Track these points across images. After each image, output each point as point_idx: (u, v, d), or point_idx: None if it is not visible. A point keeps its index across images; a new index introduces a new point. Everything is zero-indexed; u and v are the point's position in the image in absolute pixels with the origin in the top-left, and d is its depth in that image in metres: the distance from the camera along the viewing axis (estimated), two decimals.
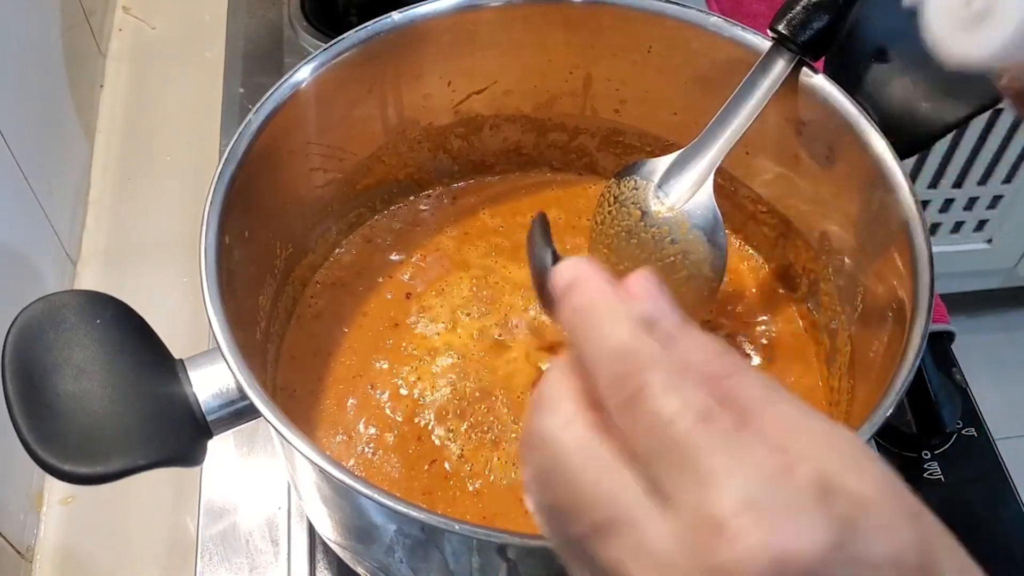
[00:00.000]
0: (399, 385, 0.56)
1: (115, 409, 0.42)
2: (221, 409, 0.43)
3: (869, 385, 0.49)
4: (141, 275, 0.76)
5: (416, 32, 0.56)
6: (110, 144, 0.85)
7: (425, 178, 0.64)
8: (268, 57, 0.84)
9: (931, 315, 0.45)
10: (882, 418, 0.42)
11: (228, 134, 0.63)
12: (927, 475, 0.65)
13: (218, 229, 0.47)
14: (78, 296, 0.44)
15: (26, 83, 0.73)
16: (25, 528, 0.63)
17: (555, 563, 0.44)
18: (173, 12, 0.95)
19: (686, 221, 0.53)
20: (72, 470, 0.40)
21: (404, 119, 0.60)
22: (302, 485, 0.51)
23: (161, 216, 0.80)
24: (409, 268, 0.62)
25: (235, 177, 0.49)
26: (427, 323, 0.59)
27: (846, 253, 0.55)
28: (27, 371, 0.42)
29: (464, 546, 0.43)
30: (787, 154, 0.56)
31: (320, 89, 0.53)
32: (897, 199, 0.49)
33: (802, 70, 0.52)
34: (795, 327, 0.60)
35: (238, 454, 0.63)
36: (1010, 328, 1.57)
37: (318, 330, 0.59)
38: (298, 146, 0.55)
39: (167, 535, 0.64)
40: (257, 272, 0.54)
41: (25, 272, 0.68)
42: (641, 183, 0.55)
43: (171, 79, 0.89)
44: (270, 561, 0.59)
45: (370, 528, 0.46)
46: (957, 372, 0.70)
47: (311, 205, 0.58)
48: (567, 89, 0.62)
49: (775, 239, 0.61)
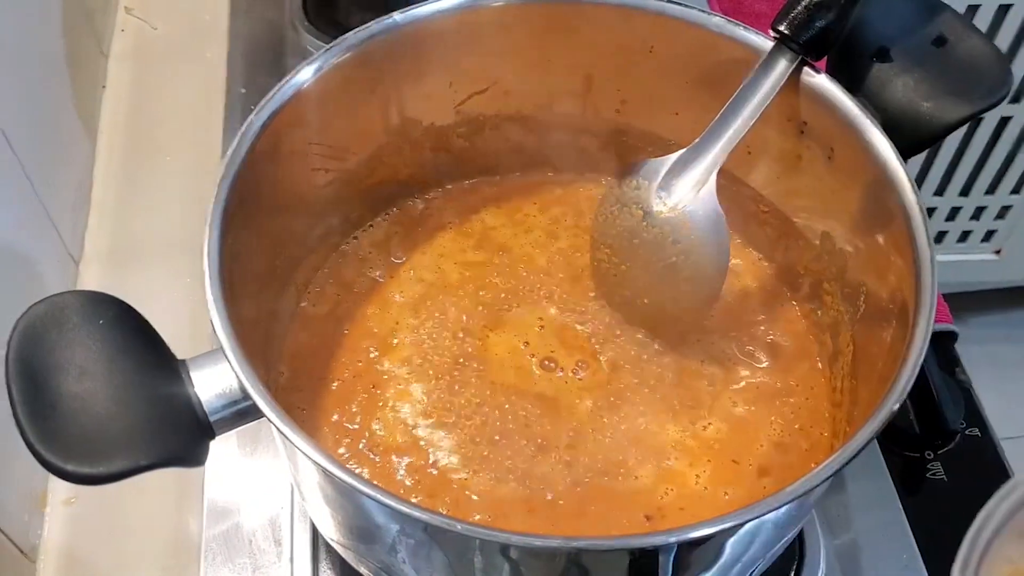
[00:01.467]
0: (401, 385, 0.56)
1: (118, 409, 0.42)
2: (223, 409, 0.43)
3: (872, 386, 0.49)
4: (143, 275, 0.76)
5: (418, 32, 0.56)
6: (112, 144, 0.85)
7: (427, 178, 0.64)
8: (270, 57, 0.84)
9: (934, 315, 0.45)
10: (885, 419, 0.42)
11: (230, 134, 0.63)
12: (930, 475, 0.65)
13: (220, 229, 0.47)
14: (80, 297, 0.44)
15: (28, 83, 0.73)
16: (29, 528, 0.63)
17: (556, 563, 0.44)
18: (175, 12, 0.95)
19: (688, 221, 0.53)
20: (75, 470, 0.40)
21: (405, 119, 0.60)
22: (305, 485, 0.51)
23: (163, 216, 0.80)
24: (411, 268, 0.62)
25: (237, 177, 0.49)
26: (429, 323, 0.59)
27: (848, 253, 0.55)
28: (30, 371, 0.42)
29: (467, 546, 0.43)
30: (789, 154, 0.56)
31: (322, 89, 0.53)
32: (899, 199, 0.49)
33: (804, 70, 0.52)
34: (797, 328, 0.60)
35: (241, 454, 0.63)
36: (1014, 328, 1.57)
37: (320, 330, 0.59)
38: (300, 146, 0.55)
39: (170, 535, 0.64)
40: (259, 272, 0.54)
41: (27, 272, 0.69)
42: (643, 183, 0.55)
43: (173, 79, 0.90)
44: (273, 561, 0.59)
45: (373, 528, 0.46)
46: (960, 372, 0.70)
47: (313, 205, 0.58)
48: (568, 89, 0.62)
49: (777, 239, 0.61)
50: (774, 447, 0.54)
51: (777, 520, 0.47)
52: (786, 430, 0.55)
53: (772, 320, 0.60)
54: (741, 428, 0.55)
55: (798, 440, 0.55)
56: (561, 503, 0.52)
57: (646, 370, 0.57)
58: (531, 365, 0.57)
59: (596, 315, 0.59)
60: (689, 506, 0.52)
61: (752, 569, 0.50)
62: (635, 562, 0.42)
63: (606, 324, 0.59)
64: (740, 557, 0.47)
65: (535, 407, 0.55)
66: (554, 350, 0.58)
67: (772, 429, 0.55)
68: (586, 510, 0.52)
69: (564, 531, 0.51)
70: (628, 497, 0.52)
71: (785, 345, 0.59)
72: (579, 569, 0.43)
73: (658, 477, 0.53)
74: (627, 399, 0.56)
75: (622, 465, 0.53)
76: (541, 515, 0.51)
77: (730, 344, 0.58)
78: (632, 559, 0.42)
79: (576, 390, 0.56)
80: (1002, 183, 1.30)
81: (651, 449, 0.54)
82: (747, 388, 0.57)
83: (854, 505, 0.61)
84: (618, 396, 0.56)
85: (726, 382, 0.57)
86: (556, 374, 0.57)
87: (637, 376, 0.57)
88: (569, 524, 0.51)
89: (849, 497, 0.61)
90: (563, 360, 0.57)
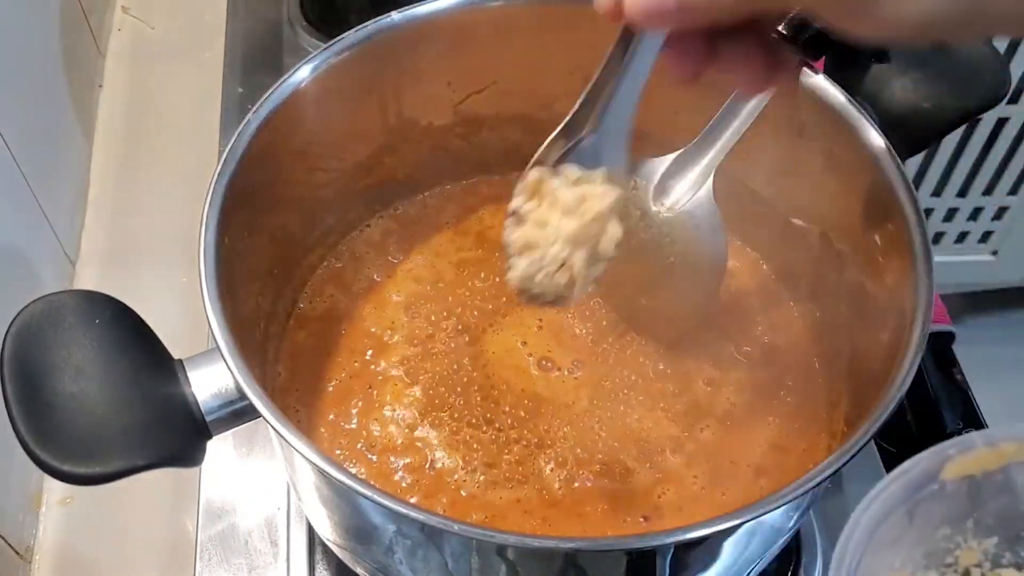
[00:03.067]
0: (398, 385, 0.56)
1: (114, 409, 0.42)
2: (220, 409, 0.43)
3: (869, 386, 0.48)
4: (140, 275, 0.76)
5: (416, 32, 0.56)
6: (109, 144, 0.85)
7: (425, 178, 0.64)
8: (268, 57, 0.84)
9: (931, 315, 0.45)
10: (882, 419, 0.42)
11: (227, 134, 0.63)
12: None
13: (217, 229, 0.47)
14: (77, 296, 0.44)
15: (25, 83, 0.73)
16: (24, 528, 0.63)
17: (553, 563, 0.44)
18: (172, 12, 0.95)
19: (686, 221, 0.53)
20: (71, 470, 0.40)
21: (404, 119, 0.60)
22: (301, 486, 0.51)
23: (160, 216, 0.80)
24: (408, 268, 0.61)
25: (234, 177, 0.49)
26: (427, 323, 0.59)
27: (846, 254, 0.55)
28: (26, 371, 0.42)
29: (463, 546, 0.43)
30: (787, 154, 0.56)
31: (319, 89, 0.53)
32: (897, 200, 0.49)
33: (802, 70, 0.52)
34: (795, 328, 0.60)
35: (237, 455, 0.63)
36: (1011, 328, 1.57)
37: (317, 330, 0.59)
38: (297, 146, 0.55)
39: (166, 536, 0.64)
40: (256, 272, 0.54)
41: (24, 272, 0.68)
42: (641, 183, 0.55)
43: (170, 79, 0.89)
44: (269, 562, 0.59)
45: (369, 529, 0.46)
46: (957, 373, 0.70)
47: (310, 205, 0.58)
48: (567, 89, 0.61)
49: (775, 240, 0.61)
50: (771, 447, 0.54)
51: (774, 521, 0.47)
52: (784, 430, 0.55)
53: (770, 320, 0.60)
54: (739, 428, 0.55)
55: (795, 441, 0.55)
56: (558, 503, 0.52)
57: (644, 370, 0.57)
58: (529, 365, 0.57)
59: (594, 315, 0.59)
60: (687, 506, 0.52)
61: (750, 569, 0.50)
62: (632, 563, 0.42)
63: (604, 324, 0.59)
64: (737, 558, 0.47)
65: (533, 406, 0.55)
66: (551, 350, 0.58)
67: (770, 429, 0.55)
68: (583, 510, 0.51)
69: (561, 531, 0.51)
70: (625, 497, 0.52)
71: (783, 345, 0.59)
72: (576, 570, 0.43)
73: (656, 477, 0.53)
74: (625, 399, 0.56)
75: (620, 465, 0.53)
76: (538, 515, 0.51)
77: (728, 344, 0.58)
78: (629, 560, 0.42)
79: (573, 390, 0.56)
80: (999, 184, 1.29)
81: (649, 449, 0.54)
82: (745, 389, 0.57)
83: (852, 506, 0.60)
84: (616, 396, 0.56)
85: (724, 382, 0.57)
86: (553, 374, 0.57)
87: (635, 376, 0.56)
88: (566, 524, 0.51)
89: (846, 498, 0.61)
90: (561, 360, 0.57)
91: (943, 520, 0.39)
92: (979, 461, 0.38)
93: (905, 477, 0.38)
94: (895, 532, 0.38)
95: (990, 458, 0.38)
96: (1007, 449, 0.38)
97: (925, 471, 0.38)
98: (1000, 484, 0.39)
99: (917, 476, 0.38)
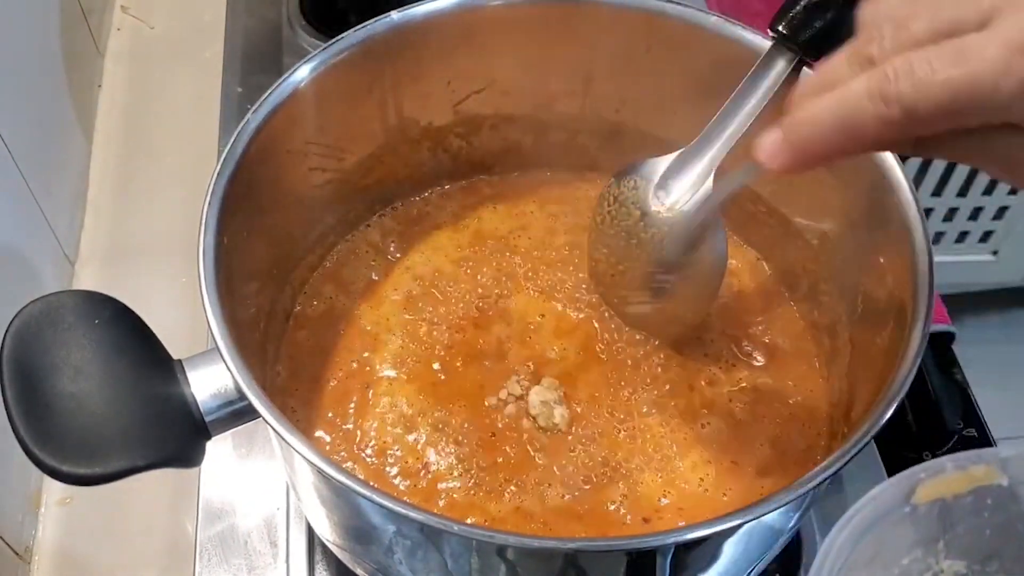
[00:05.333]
0: (397, 385, 0.56)
1: (113, 410, 0.42)
2: (219, 410, 0.43)
3: (870, 385, 0.48)
4: (139, 275, 0.76)
5: (415, 32, 0.55)
6: (108, 144, 0.85)
7: (424, 178, 0.64)
8: (267, 57, 0.84)
9: (931, 315, 0.45)
10: (883, 418, 0.42)
11: (227, 134, 0.63)
12: None
13: (217, 229, 0.47)
14: (76, 296, 0.44)
15: (25, 83, 0.73)
16: (23, 529, 0.63)
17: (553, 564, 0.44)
18: (172, 12, 0.95)
19: (686, 221, 0.53)
20: (70, 471, 0.40)
21: (403, 119, 0.60)
22: (301, 486, 0.51)
23: (159, 216, 0.80)
24: (408, 267, 0.61)
25: (234, 177, 0.49)
26: (426, 323, 0.59)
27: (846, 253, 0.55)
28: (25, 371, 0.42)
29: (463, 547, 0.43)
30: None
31: (319, 89, 0.53)
32: (897, 199, 0.49)
33: (803, 70, 0.52)
34: (796, 328, 0.60)
35: (236, 455, 0.63)
36: (1011, 328, 1.57)
37: (316, 330, 0.59)
38: (297, 146, 0.55)
39: (165, 536, 0.64)
40: (256, 272, 0.54)
41: (23, 272, 0.68)
42: (641, 183, 0.54)
43: (170, 79, 0.89)
44: (269, 563, 0.59)
45: (369, 529, 0.46)
46: (957, 372, 0.70)
47: (310, 205, 0.58)
48: (566, 89, 0.62)
49: (775, 239, 0.61)
50: (772, 447, 0.54)
51: (774, 521, 0.47)
52: (784, 430, 0.55)
53: (770, 320, 0.60)
54: (739, 428, 0.55)
55: (796, 440, 0.55)
56: (558, 503, 0.52)
57: (644, 370, 0.57)
58: (531, 364, 0.57)
59: (594, 315, 0.59)
60: (688, 507, 0.52)
61: (750, 570, 0.50)
62: (632, 563, 0.42)
63: (604, 324, 0.58)
64: (738, 558, 0.47)
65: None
66: (547, 349, 0.57)
67: (770, 429, 0.55)
68: (583, 510, 0.51)
69: (561, 531, 0.51)
70: (626, 498, 0.52)
71: (783, 345, 0.59)
72: (576, 570, 0.43)
73: (656, 478, 0.53)
74: (625, 399, 0.56)
75: (620, 465, 0.53)
76: (537, 515, 0.51)
77: (728, 344, 0.58)
78: (629, 560, 0.42)
79: (573, 389, 0.56)
80: (999, 184, 1.29)
81: (649, 449, 0.54)
82: (745, 388, 0.57)
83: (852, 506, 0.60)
84: (616, 396, 0.56)
85: (724, 382, 0.57)
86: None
87: (635, 376, 0.56)
88: (566, 524, 0.51)
89: (847, 497, 0.61)
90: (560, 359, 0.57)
91: (915, 543, 0.40)
92: (949, 484, 0.39)
93: (877, 501, 0.38)
94: (868, 555, 0.38)
95: (960, 481, 0.39)
96: (976, 473, 0.39)
97: (896, 495, 0.38)
98: (970, 507, 0.39)
99: (888, 500, 0.38)
